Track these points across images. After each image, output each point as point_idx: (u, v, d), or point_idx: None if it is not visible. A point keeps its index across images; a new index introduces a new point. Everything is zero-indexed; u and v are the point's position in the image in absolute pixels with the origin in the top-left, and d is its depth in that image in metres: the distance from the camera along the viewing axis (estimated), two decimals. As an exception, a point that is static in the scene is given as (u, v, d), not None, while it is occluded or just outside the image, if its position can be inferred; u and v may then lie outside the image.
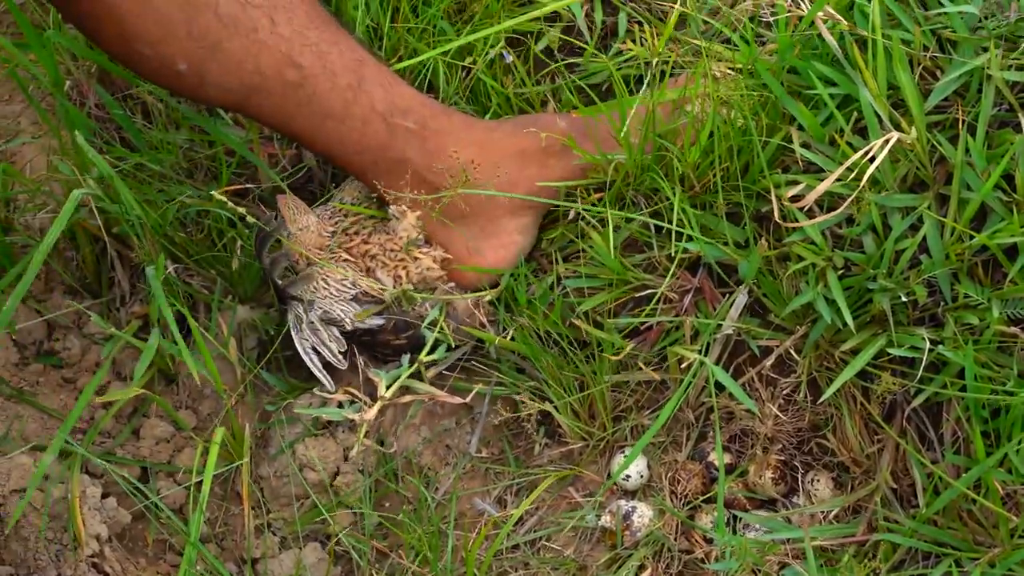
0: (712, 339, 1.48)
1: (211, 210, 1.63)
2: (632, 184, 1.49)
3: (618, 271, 1.49)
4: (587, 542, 1.53)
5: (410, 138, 1.49)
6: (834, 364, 1.44)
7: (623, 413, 1.55)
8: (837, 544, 1.43)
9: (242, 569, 1.59)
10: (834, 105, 1.40)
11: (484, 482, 1.58)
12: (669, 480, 1.51)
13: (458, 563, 1.52)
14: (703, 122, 1.43)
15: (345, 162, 1.52)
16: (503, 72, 1.62)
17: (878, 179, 1.38)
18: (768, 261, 1.44)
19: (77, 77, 1.73)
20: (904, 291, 1.37)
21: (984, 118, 1.36)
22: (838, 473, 1.48)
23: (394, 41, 1.64)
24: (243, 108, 1.48)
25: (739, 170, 1.44)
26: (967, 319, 1.36)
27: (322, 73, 1.45)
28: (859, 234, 1.39)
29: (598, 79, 1.59)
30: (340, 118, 1.47)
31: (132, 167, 1.67)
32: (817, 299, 1.40)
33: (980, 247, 1.36)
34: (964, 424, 1.38)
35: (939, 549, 1.37)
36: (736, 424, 1.51)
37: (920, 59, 1.40)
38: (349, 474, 1.59)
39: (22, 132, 1.78)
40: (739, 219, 1.46)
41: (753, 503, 1.50)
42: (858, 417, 1.45)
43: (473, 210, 1.51)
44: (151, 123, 1.72)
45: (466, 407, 1.60)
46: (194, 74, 1.41)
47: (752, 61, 1.43)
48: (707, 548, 1.48)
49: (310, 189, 1.70)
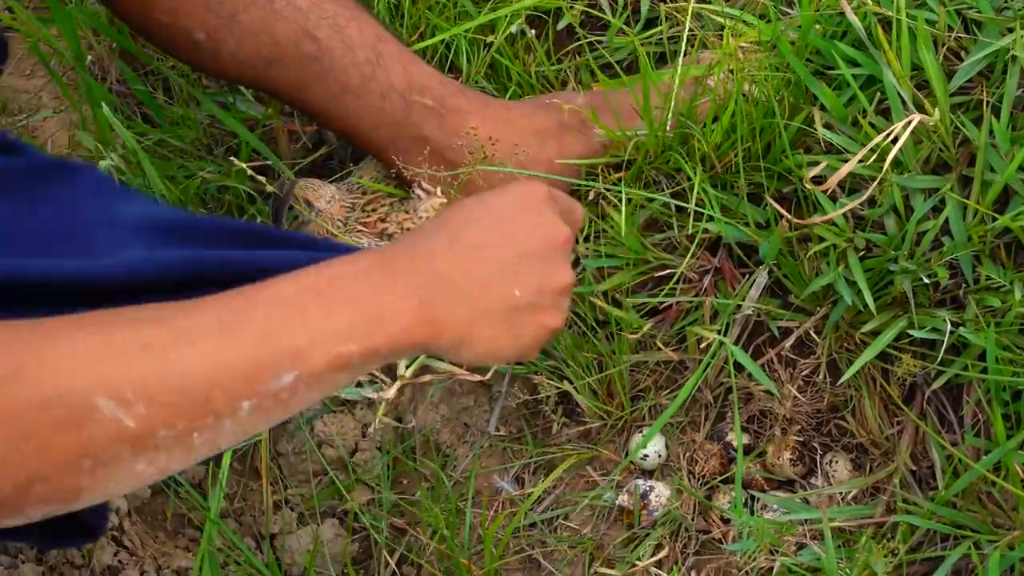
0: (731, 319, 1.48)
1: (231, 186, 1.63)
2: (653, 163, 1.49)
3: (638, 251, 1.49)
4: (604, 521, 1.53)
5: (428, 115, 1.49)
6: (854, 345, 1.44)
7: (641, 393, 1.55)
8: (855, 525, 1.43)
9: (260, 544, 1.59)
10: (857, 86, 1.39)
11: (502, 460, 1.59)
12: (687, 460, 1.51)
13: (475, 541, 1.53)
14: (725, 100, 1.43)
15: (363, 139, 1.52)
16: (524, 51, 1.62)
17: (901, 160, 1.37)
18: (789, 242, 1.43)
19: (99, 52, 1.73)
20: (925, 273, 1.36)
21: (1009, 99, 1.36)
22: (857, 455, 1.48)
23: (415, 19, 1.64)
24: (261, 82, 1.48)
25: (760, 150, 1.44)
26: (989, 301, 1.36)
27: (339, 47, 1.45)
28: (881, 215, 1.39)
29: (620, 55, 1.58)
30: (358, 93, 1.47)
31: (153, 143, 1.67)
32: (838, 280, 1.39)
33: (1003, 229, 1.35)
34: (984, 406, 1.38)
35: (958, 531, 1.37)
36: (755, 405, 1.51)
37: (944, 40, 1.39)
38: (367, 451, 1.60)
39: (44, 107, 1.78)
40: (760, 199, 1.46)
41: (771, 484, 1.50)
42: (878, 399, 1.45)
43: (492, 189, 1.51)
44: (172, 99, 1.72)
45: (484, 386, 1.60)
46: (211, 44, 1.41)
47: (776, 38, 1.43)
48: (724, 528, 1.48)
49: (330, 166, 1.70)
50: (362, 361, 0.96)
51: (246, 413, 0.92)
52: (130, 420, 0.87)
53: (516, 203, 1.08)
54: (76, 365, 0.86)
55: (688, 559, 1.48)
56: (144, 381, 0.88)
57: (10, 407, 0.84)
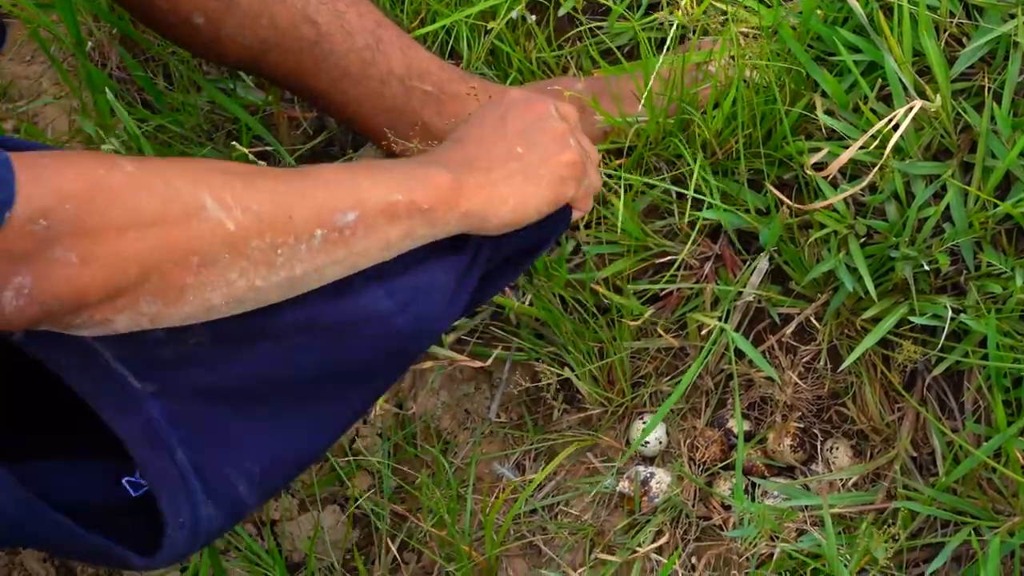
0: (732, 306, 1.48)
1: (232, 172, 1.63)
2: (654, 149, 1.49)
3: (638, 237, 1.49)
4: (605, 507, 1.53)
5: (427, 101, 1.49)
6: (855, 332, 1.44)
7: (642, 379, 1.55)
8: (855, 511, 1.43)
9: (260, 531, 1.59)
10: (858, 72, 1.39)
11: (503, 447, 1.59)
12: (688, 446, 1.51)
13: (476, 527, 1.53)
14: (726, 86, 1.43)
15: (362, 125, 1.52)
16: (524, 37, 1.61)
17: (902, 147, 1.37)
18: (789, 228, 1.43)
19: (99, 38, 1.73)
20: (926, 259, 1.36)
21: (1010, 85, 1.35)
22: (857, 441, 1.48)
23: (416, 5, 1.63)
24: (260, 66, 1.48)
25: (761, 137, 1.44)
26: (990, 288, 1.36)
27: (339, 32, 1.45)
28: (882, 202, 1.39)
29: (621, 40, 1.58)
30: (357, 78, 1.47)
31: (153, 129, 1.67)
32: (839, 267, 1.39)
33: (1004, 215, 1.35)
34: (985, 393, 1.38)
35: (958, 517, 1.37)
36: (755, 391, 1.51)
37: (946, 26, 1.39)
38: (368, 437, 1.60)
39: (44, 92, 1.78)
40: (761, 186, 1.46)
41: (772, 470, 1.50)
42: (878, 385, 1.45)
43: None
44: (172, 85, 1.72)
45: (485, 372, 1.60)
46: (210, 28, 1.41)
47: (777, 24, 1.42)
48: (725, 515, 1.48)
49: (330, 152, 1.70)
50: (408, 214, 1.13)
51: (319, 242, 1.07)
52: (230, 223, 1.00)
53: (508, 100, 1.28)
54: (187, 175, 1.00)
55: (689, 545, 1.48)
56: (241, 192, 1.02)
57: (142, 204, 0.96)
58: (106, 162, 0.97)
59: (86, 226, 0.94)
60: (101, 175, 0.95)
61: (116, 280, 0.96)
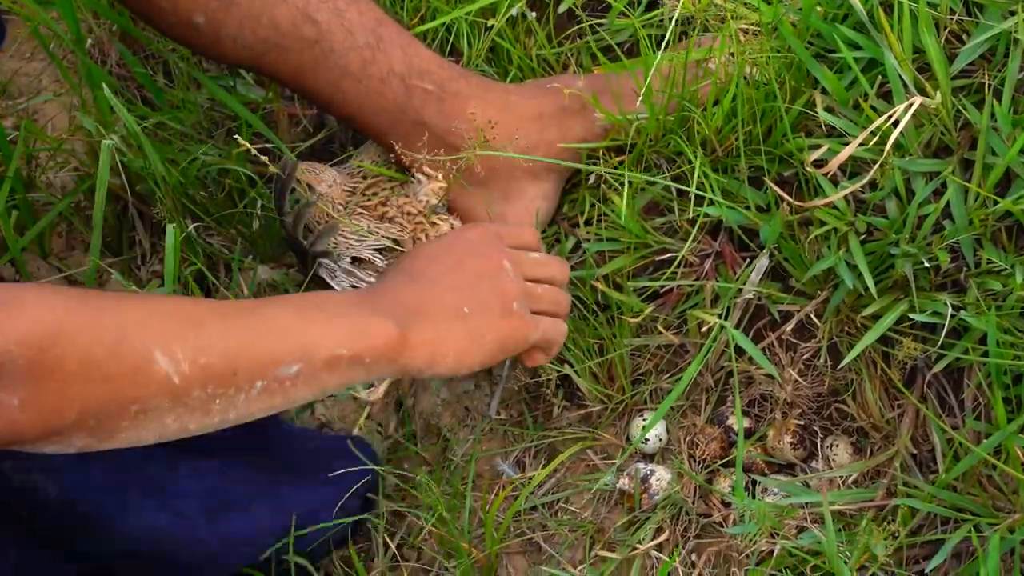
0: (732, 303, 1.48)
1: (231, 169, 1.63)
2: (654, 147, 1.49)
3: (639, 234, 1.49)
4: (605, 504, 1.53)
5: (428, 99, 1.49)
6: (855, 329, 1.44)
7: (642, 376, 1.55)
8: (856, 508, 1.43)
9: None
10: (858, 69, 1.39)
11: (503, 444, 1.59)
12: (688, 444, 1.51)
13: (475, 524, 1.53)
14: (727, 83, 1.43)
15: (363, 123, 1.52)
16: (525, 34, 1.61)
17: (902, 144, 1.37)
18: (789, 225, 1.43)
19: (99, 35, 1.73)
20: (927, 256, 1.36)
21: (1011, 82, 1.35)
22: (857, 438, 1.48)
23: (416, 2, 1.63)
24: (261, 65, 1.48)
25: (761, 134, 1.44)
26: (990, 285, 1.36)
27: (339, 31, 1.45)
28: (882, 199, 1.39)
29: (621, 37, 1.58)
30: (358, 77, 1.47)
31: (153, 126, 1.67)
32: (839, 264, 1.39)
33: (1004, 213, 1.35)
34: (985, 390, 1.38)
35: (958, 515, 1.37)
36: (755, 388, 1.51)
37: (946, 22, 1.39)
38: (368, 434, 1.60)
39: (44, 90, 1.78)
40: (761, 183, 1.46)
41: (772, 467, 1.50)
42: (878, 382, 1.45)
43: (491, 174, 1.51)
44: (172, 83, 1.72)
45: (485, 370, 1.60)
46: (211, 28, 1.42)
47: (777, 21, 1.42)
48: (725, 512, 1.48)
49: (330, 150, 1.70)
50: (348, 366, 1.18)
51: (256, 392, 1.10)
52: (176, 377, 1.04)
53: (464, 243, 1.34)
54: (141, 325, 1.04)
55: (688, 542, 1.49)
56: (192, 343, 1.05)
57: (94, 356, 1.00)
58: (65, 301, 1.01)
59: (35, 373, 0.98)
60: (60, 317, 1.00)
61: (53, 425, 1.01)
